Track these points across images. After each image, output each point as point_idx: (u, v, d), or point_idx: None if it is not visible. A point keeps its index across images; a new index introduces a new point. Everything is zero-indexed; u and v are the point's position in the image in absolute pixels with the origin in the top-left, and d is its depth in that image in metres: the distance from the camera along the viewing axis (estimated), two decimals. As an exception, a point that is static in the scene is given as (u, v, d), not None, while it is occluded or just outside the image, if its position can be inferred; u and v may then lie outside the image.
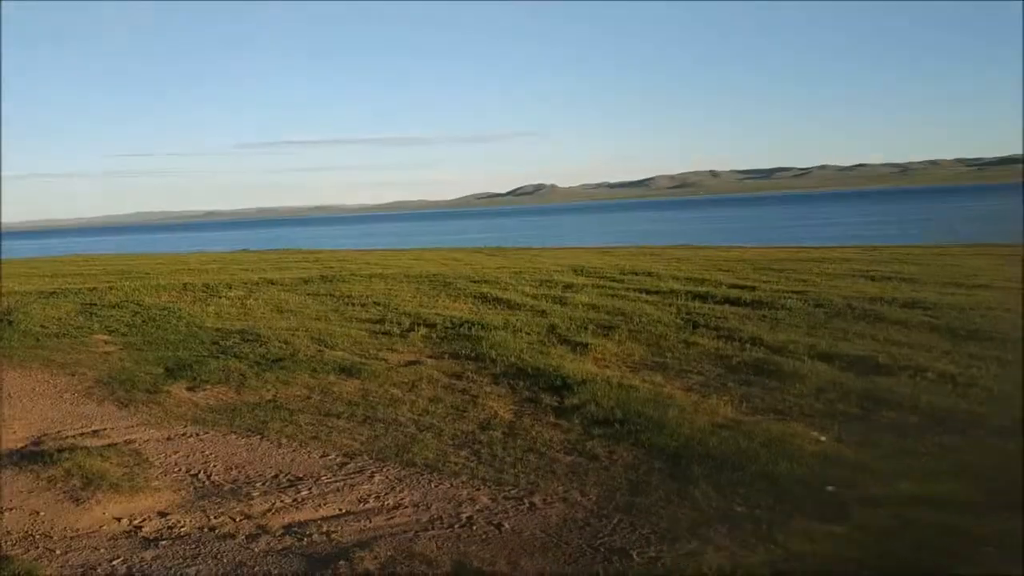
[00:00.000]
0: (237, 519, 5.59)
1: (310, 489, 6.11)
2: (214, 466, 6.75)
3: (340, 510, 5.69)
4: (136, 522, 5.62)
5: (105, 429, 7.96)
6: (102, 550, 5.18)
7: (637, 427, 7.01)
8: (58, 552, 5.16)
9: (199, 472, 6.62)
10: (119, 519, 5.68)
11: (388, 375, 9.41)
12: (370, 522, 5.44)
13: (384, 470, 6.45)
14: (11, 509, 5.93)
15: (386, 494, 5.94)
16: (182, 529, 5.47)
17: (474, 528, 5.26)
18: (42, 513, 5.84)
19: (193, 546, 5.16)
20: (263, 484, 6.27)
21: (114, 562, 4.98)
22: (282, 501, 5.89)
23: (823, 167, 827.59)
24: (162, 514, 5.75)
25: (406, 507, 5.68)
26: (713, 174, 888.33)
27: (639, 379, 8.81)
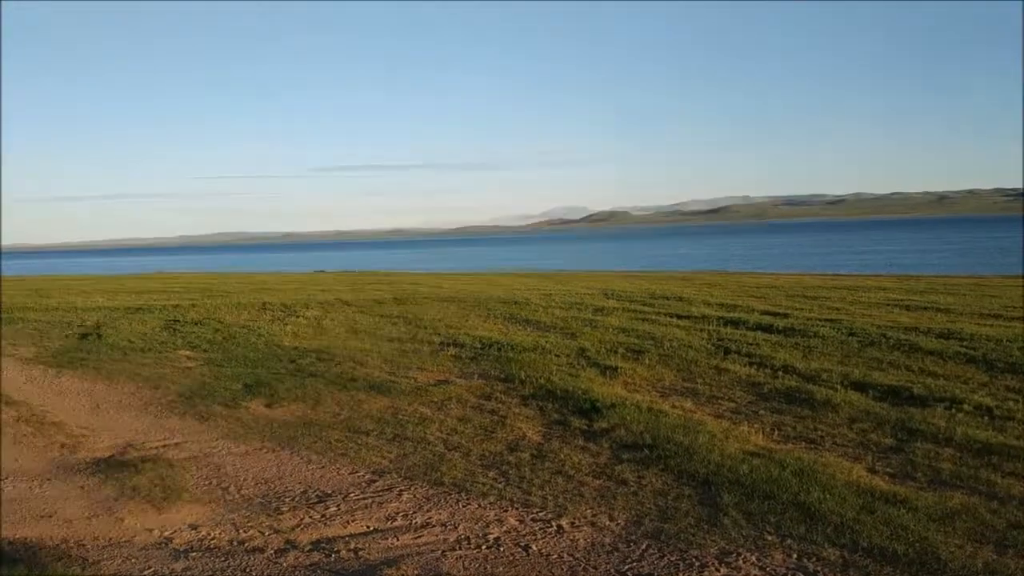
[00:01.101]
0: (266, 533, 5.63)
1: (338, 505, 6.13)
2: (244, 480, 6.81)
3: (368, 527, 5.71)
4: (167, 534, 5.68)
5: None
6: (134, 560, 5.25)
7: (666, 452, 6.97)
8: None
9: (229, 486, 6.67)
10: (151, 530, 5.75)
11: (418, 394, 9.44)
12: (397, 540, 5.45)
13: (412, 488, 6.46)
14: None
15: (414, 512, 5.95)
16: (212, 542, 5.51)
17: (501, 549, 5.24)
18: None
19: (222, 559, 5.20)
20: (292, 499, 6.32)
21: (144, 573, 5.04)
22: (310, 516, 5.93)
23: (858, 195, 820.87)
24: (193, 527, 5.80)
25: (434, 526, 5.68)
26: (747, 200, 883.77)
27: (669, 404, 8.76)
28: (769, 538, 5.28)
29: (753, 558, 5.00)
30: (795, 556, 5.02)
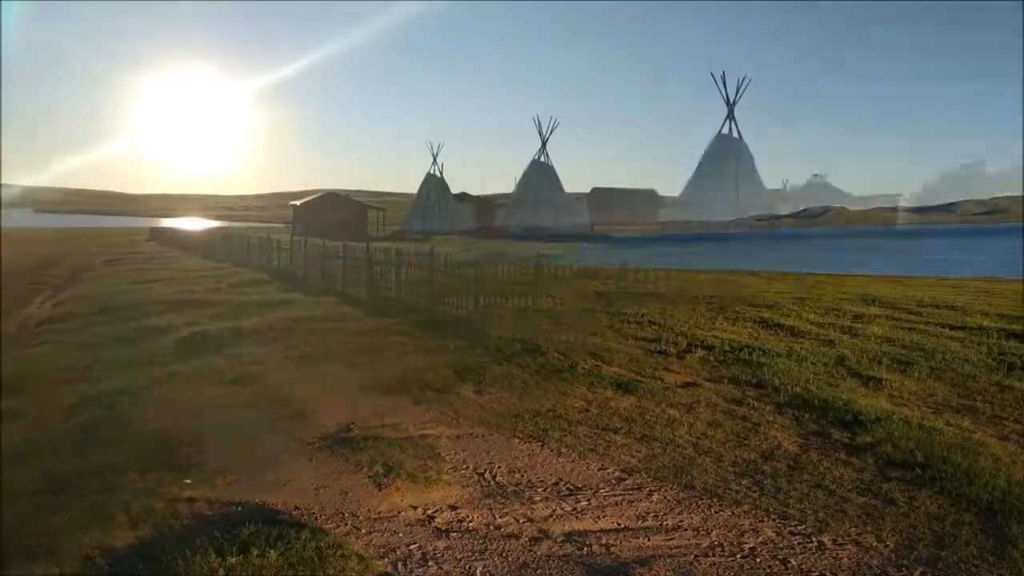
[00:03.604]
0: (520, 521, 5.80)
1: (589, 500, 6.20)
2: (498, 467, 7.06)
3: (618, 524, 5.72)
4: (429, 512, 6.01)
5: (402, 423, 8.60)
6: (400, 534, 5.59)
7: (941, 474, 6.39)
8: (363, 531, 5.64)
9: (485, 471, 6.95)
10: (415, 507, 6.11)
11: (665, 395, 9.34)
12: (648, 540, 5.41)
13: (662, 490, 6.40)
14: (325, 487, 6.59)
15: (664, 514, 5.88)
16: (470, 524, 5.76)
17: (757, 560, 5.05)
18: (350, 494, 6.42)
19: (481, 541, 5.43)
20: (544, 490, 6.46)
21: (411, 547, 5.36)
22: (562, 508, 6.03)
23: None
24: (452, 507, 6.10)
25: (685, 530, 5.59)
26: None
27: (942, 421, 8.04)
28: (1070, 580, 4.68)
29: (1050, 600, 4.46)
30: (1104, 603, 4.41)
